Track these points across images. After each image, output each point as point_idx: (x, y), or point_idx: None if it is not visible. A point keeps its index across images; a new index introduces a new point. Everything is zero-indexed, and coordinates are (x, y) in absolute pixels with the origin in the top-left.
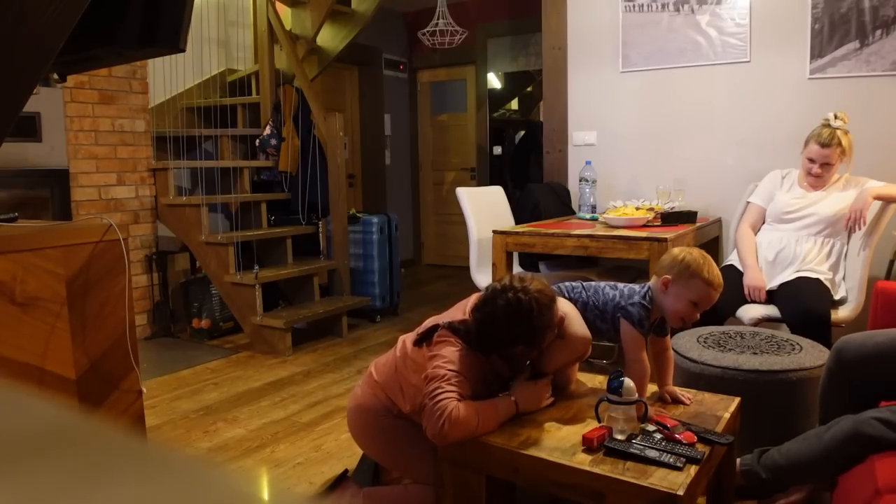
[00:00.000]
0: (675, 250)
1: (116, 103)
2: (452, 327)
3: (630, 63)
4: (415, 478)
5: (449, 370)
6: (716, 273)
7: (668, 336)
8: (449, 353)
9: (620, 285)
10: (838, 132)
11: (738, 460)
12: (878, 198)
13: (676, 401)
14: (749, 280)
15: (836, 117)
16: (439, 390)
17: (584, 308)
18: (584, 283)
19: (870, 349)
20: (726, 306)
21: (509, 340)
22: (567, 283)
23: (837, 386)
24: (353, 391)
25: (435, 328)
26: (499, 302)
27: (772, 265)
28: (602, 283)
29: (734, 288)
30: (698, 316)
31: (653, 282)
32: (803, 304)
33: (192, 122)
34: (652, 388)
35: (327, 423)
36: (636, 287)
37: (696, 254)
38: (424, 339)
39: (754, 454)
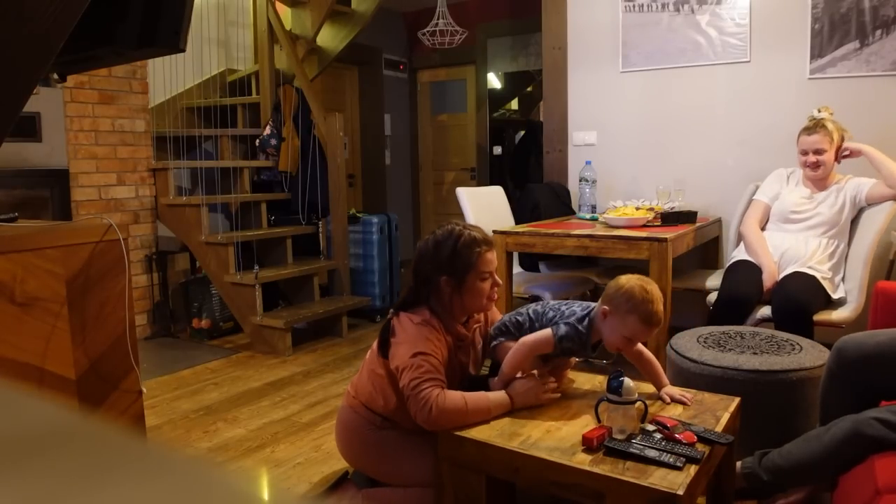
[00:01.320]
0: (623, 279)
1: (116, 103)
2: (396, 306)
3: (630, 63)
4: (411, 484)
5: (415, 355)
6: (656, 311)
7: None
8: (407, 334)
9: (564, 306)
10: (824, 121)
11: (739, 463)
12: (866, 151)
13: (676, 401)
14: (769, 281)
15: (819, 110)
16: (417, 380)
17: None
18: (530, 314)
19: (870, 349)
20: (747, 301)
21: (434, 267)
22: (511, 321)
23: (838, 386)
24: (338, 413)
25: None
26: (436, 232)
27: (777, 266)
28: (548, 308)
29: (755, 283)
30: (633, 347)
31: (597, 307)
32: (787, 296)
33: (192, 122)
34: (650, 388)
35: (327, 423)
36: (577, 309)
37: (638, 288)
38: (385, 341)
39: (755, 456)
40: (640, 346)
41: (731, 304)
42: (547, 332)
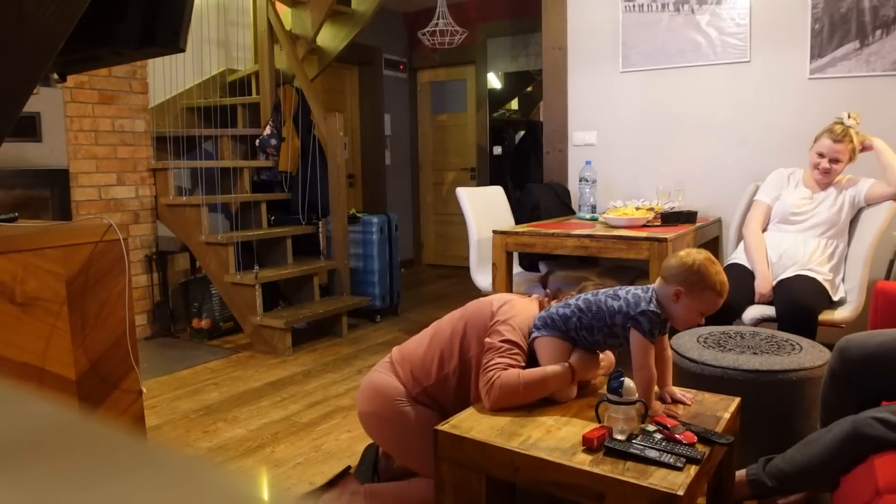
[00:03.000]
0: (684, 256)
1: (116, 103)
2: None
3: (630, 63)
4: (418, 468)
5: (506, 340)
6: (723, 279)
7: (667, 335)
8: (513, 317)
9: (622, 292)
10: (851, 131)
11: (744, 470)
12: (877, 145)
13: (677, 401)
14: (760, 288)
15: (849, 116)
16: (491, 362)
17: (591, 332)
18: (580, 304)
19: (872, 348)
20: (736, 306)
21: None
22: (558, 313)
23: (840, 385)
24: (368, 376)
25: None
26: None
27: (775, 266)
28: (601, 296)
29: (744, 288)
30: (703, 321)
31: (658, 287)
32: (792, 298)
33: (192, 122)
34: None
35: (327, 423)
36: (639, 292)
37: (705, 261)
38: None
39: (759, 463)
40: (666, 340)
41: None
42: (638, 336)
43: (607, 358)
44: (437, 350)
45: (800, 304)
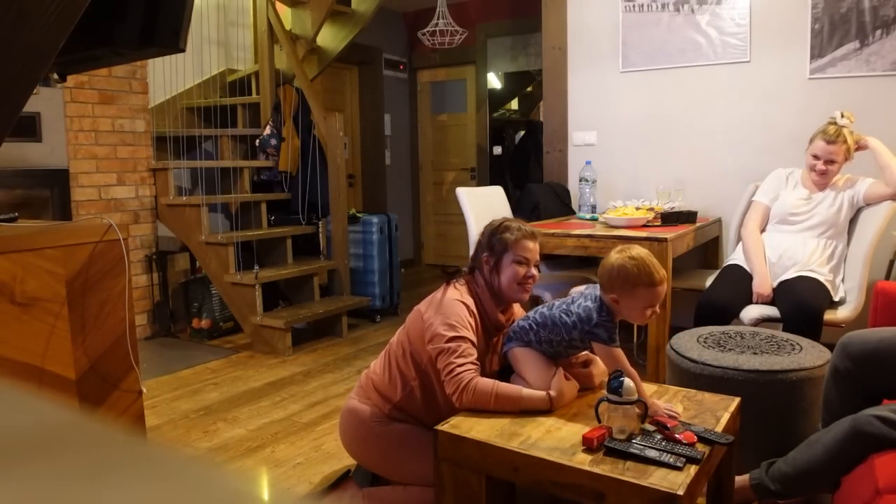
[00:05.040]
0: (607, 261)
1: (116, 103)
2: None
3: (630, 63)
4: (412, 482)
5: (451, 339)
6: (655, 271)
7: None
8: (444, 305)
9: (573, 307)
10: (844, 130)
11: (747, 475)
12: (873, 146)
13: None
14: (759, 288)
15: (842, 115)
16: (452, 364)
17: (550, 345)
18: (537, 318)
19: (874, 345)
20: (733, 306)
21: (481, 244)
22: (519, 325)
23: (841, 383)
24: (344, 405)
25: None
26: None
27: (775, 266)
28: (555, 311)
29: (741, 288)
30: (658, 309)
31: (601, 294)
32: (798, 299)
33: (192, 122)
34: (651, 388)
35: (327, 423)
36: (589, 304)
37: (626, 260)
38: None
39: (762, 467)
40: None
41: (711, 309)
42: (601, 347)
43: (600, 365)
44: (395, 367)
45: (805, 304)
